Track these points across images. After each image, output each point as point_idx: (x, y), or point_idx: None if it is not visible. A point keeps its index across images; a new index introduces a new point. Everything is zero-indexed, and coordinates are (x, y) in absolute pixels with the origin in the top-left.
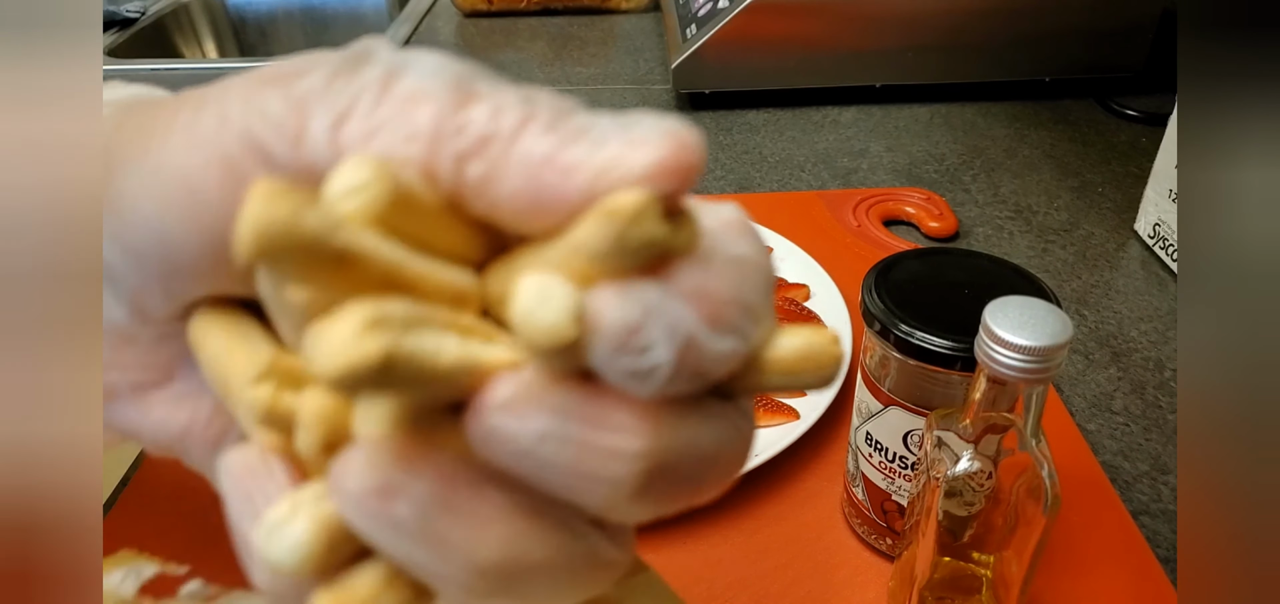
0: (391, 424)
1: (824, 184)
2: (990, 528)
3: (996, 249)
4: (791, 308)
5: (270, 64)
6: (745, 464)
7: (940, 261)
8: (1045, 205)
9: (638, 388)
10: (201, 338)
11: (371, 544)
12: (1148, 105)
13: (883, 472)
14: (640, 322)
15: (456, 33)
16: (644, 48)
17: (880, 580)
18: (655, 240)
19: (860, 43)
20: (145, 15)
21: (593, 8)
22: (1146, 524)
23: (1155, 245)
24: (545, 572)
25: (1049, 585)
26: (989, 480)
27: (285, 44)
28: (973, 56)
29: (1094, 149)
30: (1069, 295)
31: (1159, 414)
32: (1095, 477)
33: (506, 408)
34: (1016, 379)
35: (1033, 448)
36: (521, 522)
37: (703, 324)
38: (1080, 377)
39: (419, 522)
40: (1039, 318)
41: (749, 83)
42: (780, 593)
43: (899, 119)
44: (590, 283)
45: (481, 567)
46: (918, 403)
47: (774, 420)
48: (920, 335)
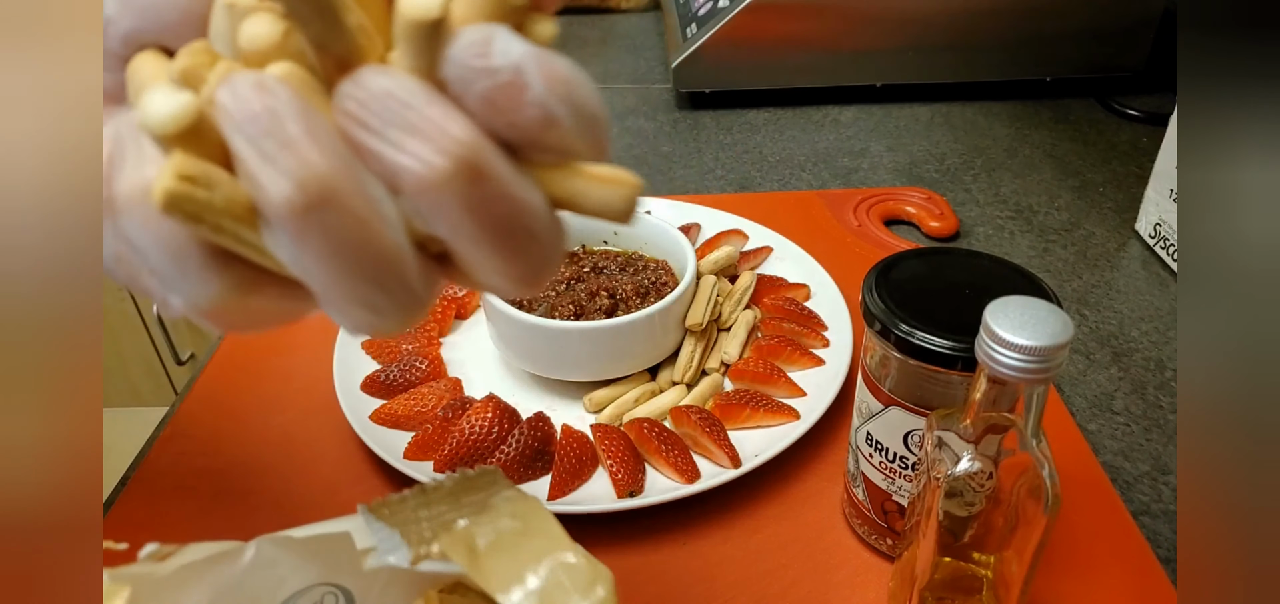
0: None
1: (824, 183)
2: (991, 528)
3: (997, 249)
4: (791, 308)
5: None
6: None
7: (941, 261)
8: (1046, 205)
9: (478, 82)
10: (134, 63)
11: (231, 142)
12: (1148, 105)
13: (883, 472)
14: (492, 34)
15: None
16: (644, 47)
17: (880, 581)
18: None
19: (860, 42)
20: None
21: (593, 7)
22: (1147, 524)
23: (1156, 245)
24: (352, 231)
25: (1049, 585)
26: (989, 480)
27: None
28: (973, 56)
29: (1095, 149)
30: (1070, 295)
31: (1159, 414)
32: (1096, 477)
33: (369, 70)
34: (1017, 379)
35: (1033, 448)
36: (350, 166)
37: (540, 79)
38: (1081, 377)
39: (273, 119)
40: (1040, 318)
41: (749, 82)
42: (780, 593)
43: (899, 118)
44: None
45: (304, 180)
46: (918, 403)
47: (774, 420)
48: (920, 335)
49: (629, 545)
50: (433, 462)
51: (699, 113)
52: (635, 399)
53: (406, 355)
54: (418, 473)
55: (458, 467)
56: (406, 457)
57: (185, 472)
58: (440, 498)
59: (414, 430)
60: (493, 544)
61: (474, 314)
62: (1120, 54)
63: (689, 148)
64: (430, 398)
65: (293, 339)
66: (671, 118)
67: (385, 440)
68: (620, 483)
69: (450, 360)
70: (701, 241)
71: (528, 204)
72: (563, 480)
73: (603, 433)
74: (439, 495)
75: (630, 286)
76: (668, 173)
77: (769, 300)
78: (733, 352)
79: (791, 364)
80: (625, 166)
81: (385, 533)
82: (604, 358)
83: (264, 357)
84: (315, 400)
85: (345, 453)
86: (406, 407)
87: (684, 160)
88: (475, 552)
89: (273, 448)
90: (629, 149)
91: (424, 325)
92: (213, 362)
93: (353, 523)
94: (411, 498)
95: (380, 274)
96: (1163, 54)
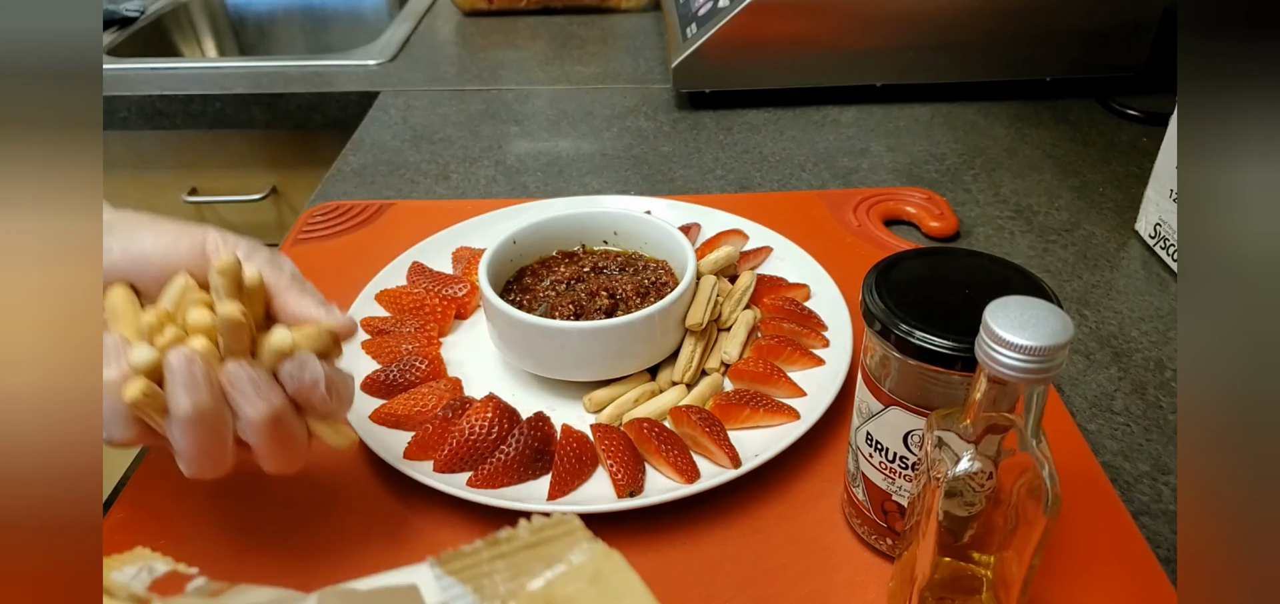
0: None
1: (824, 183)
2: (991, 528)
3: (997, 249)
4: (791, 308)
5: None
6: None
7: (941, 261)
8: (1046, 205)
9: (294, 381)
10: (112, 295)
11: (166, 375)
12: (1148, 105)
13: (883, 472)
14: (308, 360)
15: (456, 32)
16: (644, 47)
17: (880, 581)
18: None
19: (860, 42)
20: (144, 14)
21: (593, 7)
22: (1147, 524)
23: (1156, 245)
24: (210, 432)
25: (1049, 585)
26: (989, 480)
27: (284, 44)
28: (973, 56)
29: (1095, 149)
30: (1070, 295)
31: (1159, 414)
32: (1096, 477)
33: (237, 366)
34: (1017, 379)
35: (1033, 448)
36: (220, 403)
37: (323, 385)
38: (1081, 377)
39: (189, 373)
40: (1040, 318)
41: (749, 82)
42: (780, 593)
43: (899, 119)
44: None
45: (196, 403)
46: (918, 403)
47: (774, 420)
48: (920, 335)
49: (629, 545)
50: (433, 461)
51: (699, 113)
52: (635, 399)
53: (406, 355)
54: (418, 473)
55: (457, 466)
56: (406, 456)
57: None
58: (515, 548)
59: (414, 430)
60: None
61: (474, 314)
62: (1120, 54)
63: (689, 148)
64: (430, 398)
65: None
66: (671, 118)
67: (385, 440)
68: (620, 483)
69: (450, 360)
70: (701, 241)
71: (299, 433)
72: (563, 480)
73: (603, 433)
74: (514, 546)
75: (630, 286)
76: (668, 173)
77: (769, 300)
78: (733, 352)
79: (791, 364)
80: (625, 166)
81: (456, 589)
82: (604, 358)
83: None
84: None
85: (345, 453)
86: (406, 406)
87: (684, 160)
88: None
89: None
90: (629, 149)
91: (424, 325)
92: None
93: (420, 575)
94: (484, 548)
95: (218, 453)
96: (1163, 54)
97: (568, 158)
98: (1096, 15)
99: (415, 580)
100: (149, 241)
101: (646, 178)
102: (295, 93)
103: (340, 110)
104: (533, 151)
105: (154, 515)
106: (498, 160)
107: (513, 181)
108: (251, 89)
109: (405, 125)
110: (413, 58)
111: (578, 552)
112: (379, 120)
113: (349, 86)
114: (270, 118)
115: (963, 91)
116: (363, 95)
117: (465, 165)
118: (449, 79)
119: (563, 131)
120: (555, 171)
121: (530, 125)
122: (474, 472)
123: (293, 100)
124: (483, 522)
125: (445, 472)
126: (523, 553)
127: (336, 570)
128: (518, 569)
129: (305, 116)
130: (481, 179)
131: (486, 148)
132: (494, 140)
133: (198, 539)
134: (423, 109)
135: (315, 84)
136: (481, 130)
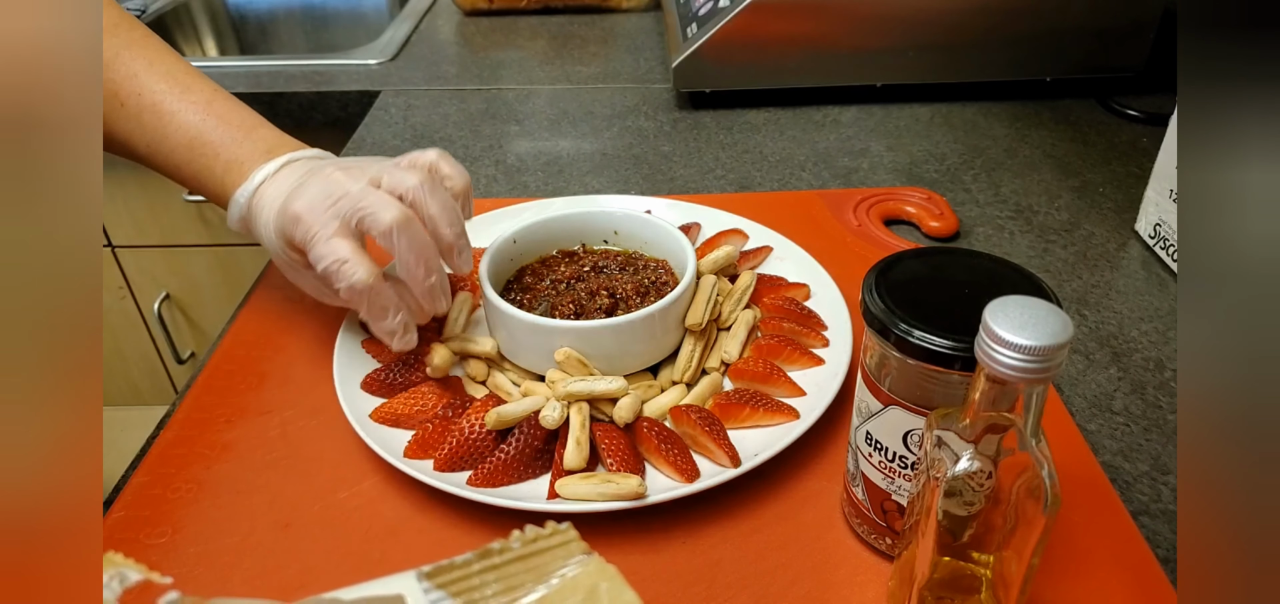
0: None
1: (824, 183)
2: (990, 528)
3: (997, 249)
4: (791, 307)
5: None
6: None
7: (940, 261)
8: (1046, 205)
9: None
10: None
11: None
12: (1148, 105)
13: (883, 471)
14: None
15: (457, 31)
16: (644, 47)
17: (880, 580)
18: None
19: (860, 42)
20: (145, 13)
21: (593, 6)
22: (1146, 524)
23: (1156, 245)
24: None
25: (1049, 585)
26: (989, 480)
27: (285, 43)
28: (973, 56)
29: (1095, 149)
30: (1069, 295)
31: (1159, 414)
32: (1095, 477)
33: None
34: (1017, 379)
35: (1033, 448)
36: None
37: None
38: (1080, 377)
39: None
40: (1039, 318)
41: (749, 82)
42: (780, 593)
43: (899, 119)
44: None
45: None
46: (918, 403)
47: (774, 420)
48: (920, 335)
49: (629, 545)
50: (433, 460)
51: (699, 113)
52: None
53: (407, 355)
54: (418, 472)
55: (457, 465)
56: (406, 455)
57: (185, 471)
58: (507, 561)
59: (414, 429)
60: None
61: (474, 314)
62: (1120, 54)
63: (689, 148)
64: (430, 397)
65: (293, 339)
66: (671, 118)
67: (385, 439)
68: None
69: None
70: (701, 241)
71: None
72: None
73: (603, 433)
74: (506, 558)
75: (630, 286)
76: (668, 173)
77: (769, 300)
78: (733, 351)
79: (791, 364)
80: (625, 166)
81: (446, 603)
82: (604, 357)
83: (264, 356)
84: (315, 400)
85: (345, 452)
86: (406, 406)
87: (684, 160)
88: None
89: (273, 447)
90: (629, 149)
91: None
92: (213, 361)
93: (406, 585)
94: (475, 560)
95: (431, 258)
96: (1163, 54)
97: (568, 157)
98: (1096, 15)
99: (401, 591)
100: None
101: (647, 177)
102: (296, 92)
103: (341, 110)
104: (533, 151)
105: (154, 515)
106: (498, 160)
107: (513, 181)
108: (252, 88)
109: (406, 125)
110: (413, 57)
111: (573, 565)
112: (379, 120)
113: (349, 86)
114: (271, 117)
115: (963, 91)
116: (363, 95)
117: (466, 164)
118: (449, 78)
119: (563, 131)
120: (555, 171)
121: (530, 125)
122: (474, 471)
123: (293, 99)
124: (483, 521)
125: (445, 471)
126: (515, 565)
127: (336, 570)
128: (510, 582)
129: (306, 116)
130: (482, 178)
131: (487, 147)
132: (494, 140)
133: (198, 538)
134: (423, 108)
135: (316, 83)
136: (482, 130)
